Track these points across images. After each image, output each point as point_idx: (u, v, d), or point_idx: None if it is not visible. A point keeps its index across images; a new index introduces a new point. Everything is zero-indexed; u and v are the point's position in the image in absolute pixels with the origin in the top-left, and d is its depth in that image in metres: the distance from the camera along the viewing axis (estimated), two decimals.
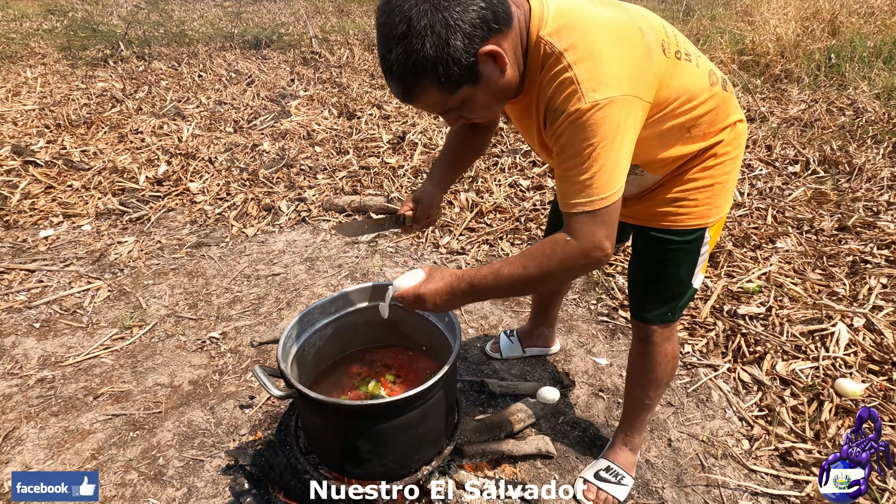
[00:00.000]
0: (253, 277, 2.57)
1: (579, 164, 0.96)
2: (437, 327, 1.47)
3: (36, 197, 3.15)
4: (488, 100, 1.00)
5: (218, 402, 1.87)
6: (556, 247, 1.01)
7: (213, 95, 4.91)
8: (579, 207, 0.98)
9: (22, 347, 2.11)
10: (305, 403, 1.17)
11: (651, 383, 1.45)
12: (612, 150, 0.95)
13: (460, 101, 0.97)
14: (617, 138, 0.94)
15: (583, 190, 0.97)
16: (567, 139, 0.96)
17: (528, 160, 3.57)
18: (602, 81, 0.93)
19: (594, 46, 0.95)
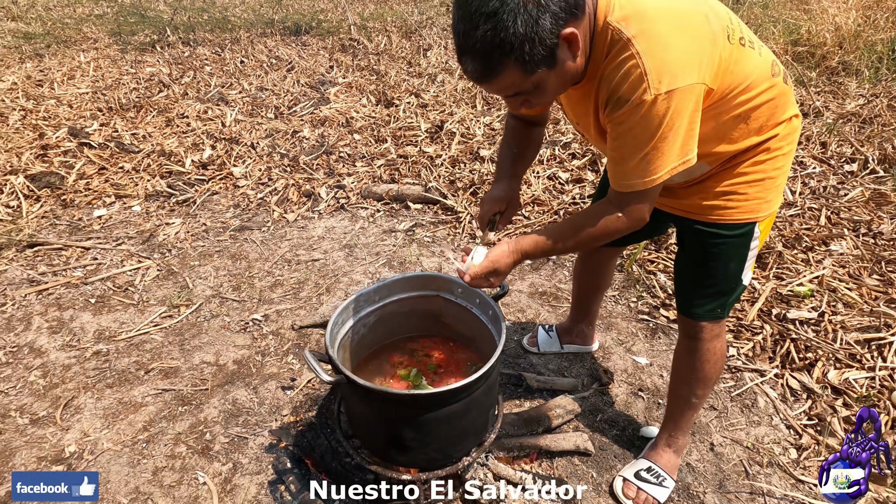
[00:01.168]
0: (293, 262, 2.62)
1: (639, 149, 1.01)
2: (480, 319, 1.46)
3: (90, 177, 3.29)
4: (558, 85, 1.02)
5: (261, 382, 1.93)
6: (607, 222, 1.13)
7: (254, 81, 4.99)
8: (633, 187, 1.07)
9: (79, 321, 2.22)
10: (352, 389, 1.19)
11: (698, 381, 1.42)
12: (670, 136, 0.99)
13: (534, 83, 0.98)
14: (677, 124, 0.98)
15: (639, 172, 1.04)
16: (629, 126, 1.00)
17: (567, 153, 3.50)
18: (669, 71, 0.95)
19: (662, 34, 0.96)
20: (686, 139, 1.01)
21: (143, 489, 1.55)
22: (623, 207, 1.11)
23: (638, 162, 1.03)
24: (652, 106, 0.96)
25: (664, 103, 0.95)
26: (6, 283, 2.42)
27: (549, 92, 1.03)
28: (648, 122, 0.97)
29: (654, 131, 0.98)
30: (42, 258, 2.60)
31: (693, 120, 1.01)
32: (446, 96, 4.53)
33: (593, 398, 1.84)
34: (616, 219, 1.12)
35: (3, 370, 1.97)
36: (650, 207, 1.11)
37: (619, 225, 1.13)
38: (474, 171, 3.28)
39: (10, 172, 3.18)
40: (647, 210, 1.12)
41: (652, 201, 1.11)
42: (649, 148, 1.00)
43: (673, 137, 0.99)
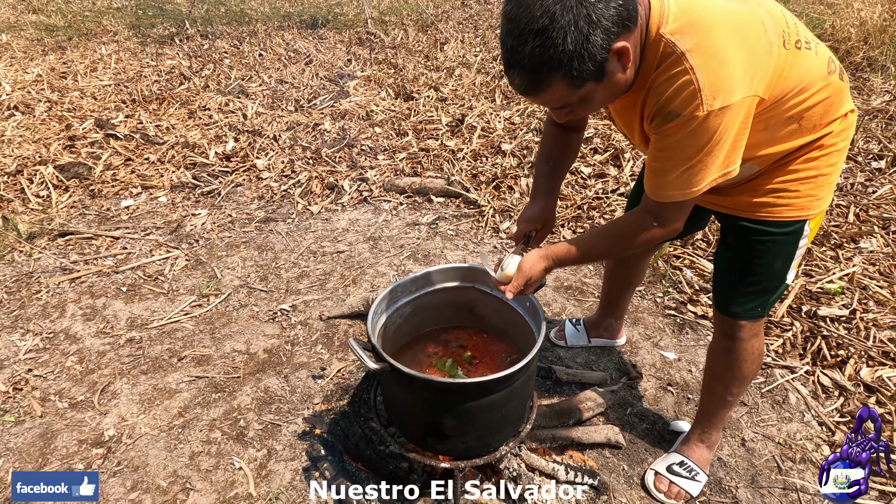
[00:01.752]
0: (318, 254, 2.64)
1: (683, 163, 1.00)
2: (517, 311, 1.47)
3: (117, 168, 3.33)
4: (606, 97, 1.01)
5: (291, 371, 1.95)
6: (642, 231, 1.14)
7: (273, 74, 5.02)
8: (672, 198, 1.06)
9: (112, 309, 2.26)
10: (395, 377, 1.21)
11: (735, 380, 1.41)
12: (717, 151, 0.98)
13: (582, 97, 0.97)
14: (723, 140, 0.97)
15: (679, 184, 1.03)
16: (676, 140, 0.99)
17: (589, 147, 3.49)
18: (723, 88, 0.93)
19: (718, 49, 0.93)
20: (730, 152, 1.00)
21: (181, 473, 1.59)
22: (659, 217, 1.11)
23: (680, 174, 1.02)
24: (704, 122, 0.94)
25: (716, 119, 0.94)
26: (40, 270, 2.47)
27: (595, 103, 1.02)
28: (698, 137, 0.96)
29: (702, 146, 0.97)
30: (73, 247, 2.65)
31: (741, 132, 0.99)
32: (465, 90, 4.52)
33: (622, 392, 1.85)
34: (651, 228, 1.13)
35: (41, 355, 2.01)
36: (685, 217, 1.12)
37: (654, 235, 1.14)
38: (496, 164, 3.28)
39: (40, 163, 3.24)
40: (683, 220, 1.12)
41: (687, 212, 1.11)
42: (694, 161, 0.99)
43: (718, 151, 0.98)
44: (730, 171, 1.02)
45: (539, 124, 3.76)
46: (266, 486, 1.55)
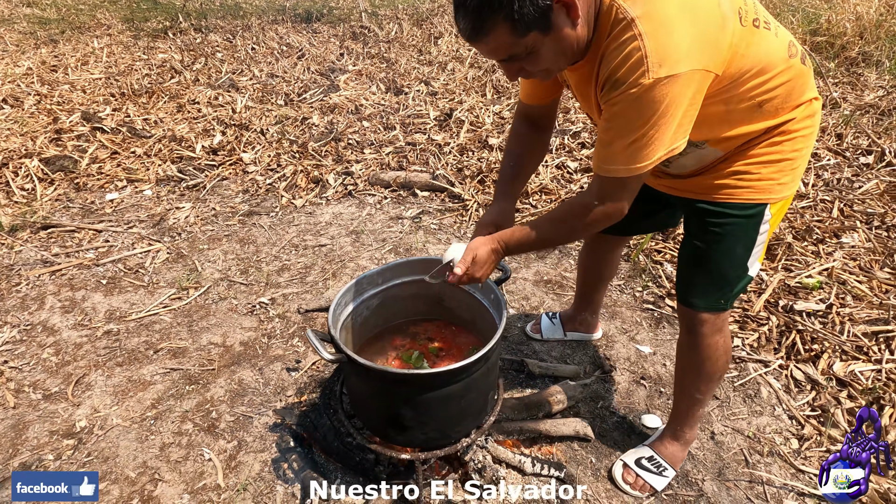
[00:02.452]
0: (301, 247, 2.64)
1: (628, 134, 0.98)
2: (482, 303, 1.47)
3: (103, 162, 3.33)
4: (554, 53, 0.99)
5: (266, 363, 1.96)
6: (583, 211, 1.11)
7: (265, 68, 5.00)
8: (613, 172, 1.03)
9: (91, 301, 2.26)
10: (353, 369, 1.21)
11: (701, 378, 1.40)
12: (663, 124, 0.95)
13: (527, 47, 0.96)
14: (670, 112, 0.94)
15: (624, 158, 1.01)
16: (620, 109, 0.97)
17: (577, 142, 3.48)
18: (670, 56, 0.91)
19: (668, 17, 0.92)
20: (678, 128, 0.97)
21: (151, 464, 1.59)
22: (602, 195, 1.07)
23: (625, 147, 0.99)
24: (649, 91, 0.92)
25: (663, 89, 0.91)
26: (21, 263, 2.47)
27: (543, 59, 1.00)
28: (643, 107, 0.94)
29: (647, 117, 0.94)
30: (55, 240, 2.65)
31: (691, 108, 0.97)
32: (456, 84, 4.51)
33: (595, 385, 1.85)
34: (591, 207, 1.09)
35: (17, 347, 2.02)
36: (630, 198, 1.08)
37: (596, 215, 1.09)
38: (482, 159, 3.27)
39: (25, 156, 3.24)
40: (627, 201, 1.08)
41: (632, 193, 1.07)
42: (639, 134, 0.96)
43: (666, 126, 0.95)
44: (675, 148, 1.00)
45: None
46: (235, 478, 1.56)
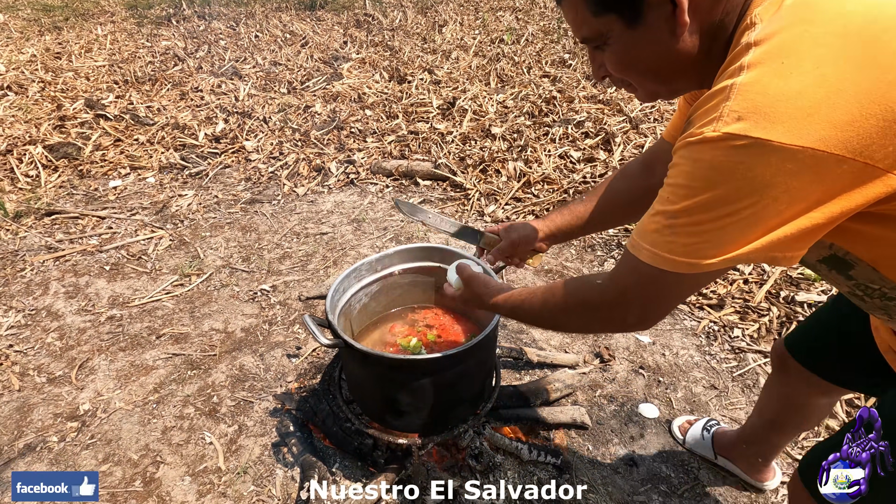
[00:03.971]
0: (302, 235, 2.65)
1: (667, 201, 0.67)
2: None
3: (106, 149, 3.34)
4: (632, 57, 0.73)
5: (267, 349, 1.97)
6: (581, 289, 0.83)
7: (268, 56, 4.99)
8: (638, 252, 0.71)
9: (94, 287, 2.28)
10: (350, 354, 1.22)
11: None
12: (726, 211, 0.61)
13: (600, 32, 0.72)
14: (742, 198, 0.59)
15: (653, 236, 0.69)
16: (674, 161, 0.67)
17: (581, 131, 3.45)
18: (762, 108, 0.56)
19: (800, 48, 0.57)
20: (763, 228, 0.61)
21: (153, 447, 1.62)
22: (618, 281, 0.77)
23: (662, 222, 0.67)
24: (709, 148, 0.60)
25: (731, 155, 0.58)
26: (25, 249, 2.49)
27: (619, 59, 0.74)
28: (695, 169, 0.62)
29: (696, 189, 0.62)
30: (59, 226, 2.67)
31: (802, 211, 0.59)
32: (460, 73, 4.47)
33: (594, 374, 1.85)
34: (593, 288, 0.81)
35: (22, 331, 2.04)
36: (657, 308, 0.76)
37: (593, 297, 0.81)
38: (485, 148, 3.26)
39: (30, 143, 3.25)
40: (641, 304, 0.75)
41: (664, 299, 0.74)
42: (680, 208, 0.64)
43: (731, 215, 0.61)
44: (756, 258, 0.63)
45: (532, 108, 3.72)
46: (235, 461, 1.58)
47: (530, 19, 6.21)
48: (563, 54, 4.91)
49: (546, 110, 3.73)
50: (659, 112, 3.67)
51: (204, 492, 1.49)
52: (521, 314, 0.97)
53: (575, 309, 0.85)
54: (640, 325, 0.78)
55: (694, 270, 0.66)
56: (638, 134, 3.39)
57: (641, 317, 0.77)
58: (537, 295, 0.92)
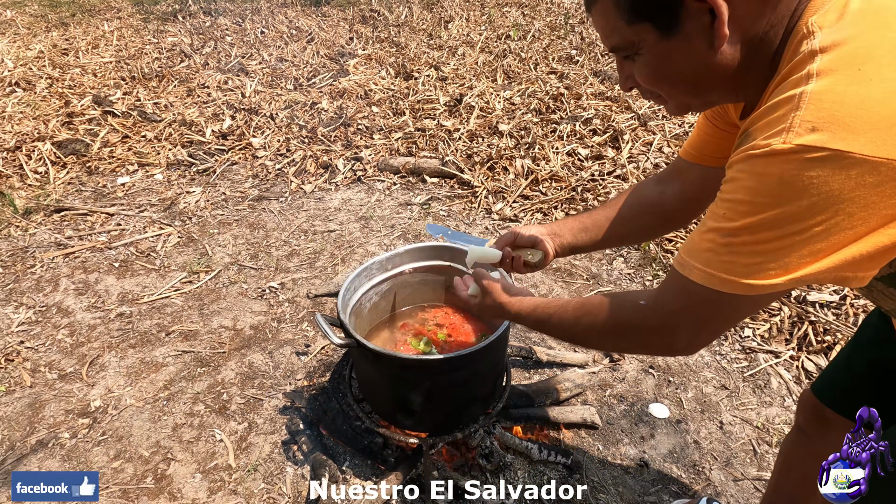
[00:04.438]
0: (310, 232, 2.65)
1: (723, 217, 0.62)
2: None
3: (114, 145, 3.35)
4: (666, 68, 0.69)
5: (276, 347, 1.98)
6: (622, 307, 0.77)
7: (274, 52, 4.98)
8: (687, 271, 0.67)
9: (103, 284, 2.29)
10: (362, 354, 1.21)
11: None
12: (792, 229, 0.57)
13: (631, 42, 0.68)
14: (813, 214, 0.55)
15: (705, 255, 0.65)
16: (731, 175, 0.62)
17: (588, 128, 3.43)
18: (841, 118, 0.53)
19: (876, 54, 0.54)
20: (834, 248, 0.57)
21: (164, 443, 1.62)
22: (661, 301, 0.72)
23: (717, 240, 0.63)
24: (777, 161, 0.55)
25: (804, 167, 0.54)
26: (35, 245, 2.51)
27: (651, 70, 0.69)
28: (760, 183, 0.58)
29: (758, 206, 0.58)
30: (68, 222, 2.68)
31: (875, 228, 0.55)
32: (466, 69, 4.45)
33: (603, 373, 1.84)
34: (635, 310, 0.75)
35: (33, 328, 2.06)
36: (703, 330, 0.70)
37: (635, 320, 0.74)
38: (492, 145, 3.24)
39: (38, 139, 3.26)
40: (691, 328, 0.70)
41: (707, 322, 0.69)
42: (740, 226, 0.60)
43: (799, 233, 0.57)
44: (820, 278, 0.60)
45: (540, 105, 3.70)
46: (245, 458, 1.58)
47: (536, 15, 6.17)
48: (570, 50, 4.88)
49: (553, 107, 3.71)
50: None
51: (215, 489, 1.50)
52: (550, 328, 0.91)
53: (614, 330, 0.79)
54: (688, 350, 0.73)
55: (754, 292, 0.62)
56: (646, 131, 3.37)
57: (691, 342, 0.72)
58: (568, 310, 0.86)
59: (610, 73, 4.31)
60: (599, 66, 4.47)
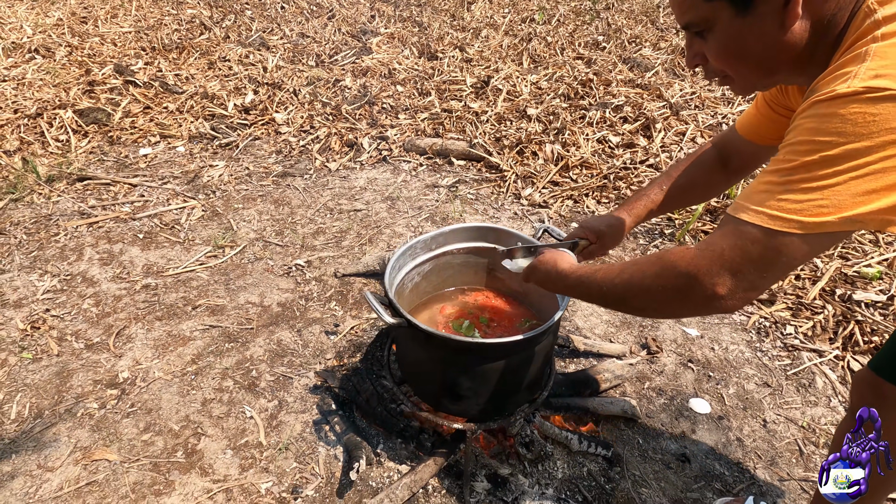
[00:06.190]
0: (335, 211, 2.60)
1: (784, 160, 0.64)
2: None
3: (136, 116, 3.29)
4: (738, 46, 0.71)
5: (304, 325, 1.94)
6: (669, 254, 0.74)
7: (295, 27, 4.88)
8: (741, 212, 0.67)
9: (128, 255, 2.25)
10: (411, 334, 1.17)
11: None
12: (856, 165, 0.58)
13: (706, 18, 0.70)
14: (877, 158, 0.58)
15: (761, 195, 0.65)
16: (794, 125, 0.65)
17: (619, 116, 3.34)
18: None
19: None
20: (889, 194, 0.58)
21: (193, 418, 1.59)
22: (709, 238, 0.71)
23: (776, 180, 0.64)
24: (842, 102, 0.58)
25: (868, 105, 0.57)
26: (58, 213, 2.47)
27: (723, 47, 0.72)
28: (823, 122, 0.60)
29: (819, 144, 0.60)
30: (91, 192, 2.64)
31: None
32: (491, 52, 4.35)
33: (641, 365, 1.80)
34: (683, 252, 0.72)
35: (58, 296, 2.02)
36: (749, 273, 0.67)
37: (681, 261, 0.71)
38: (521, 129, 3.16)
39: (59, 107, 3.20)
40: (736, 270, 0.67)
41: (755, 264, 0.66)
42: (797, 166, 0.62)
43: (863, 169, 0.58)
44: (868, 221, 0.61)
45: (568, 90, 3.61)
46: (276, 437, 1.55)
47: None
48: (596, 36, 4.76)
49: (582, 93, 3.61)
50: (700, 99, 3.55)
51: (246, 466, 1.47)
52: (589, 284, 0.88)
53: (656, 276, 0.74)
54: (731, 299, 0.69)
55: (805, 230, 0.62)
56: (679, 121, 3.28)
57: (735, 288, 0.68)
58: (615, 265, 0.84)
59: (639, 61, 4.20)
60: (627, 54, 4.36)
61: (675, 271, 0.72)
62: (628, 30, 4.94)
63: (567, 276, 0.95)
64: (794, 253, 0.64)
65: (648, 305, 0.80)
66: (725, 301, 0.69)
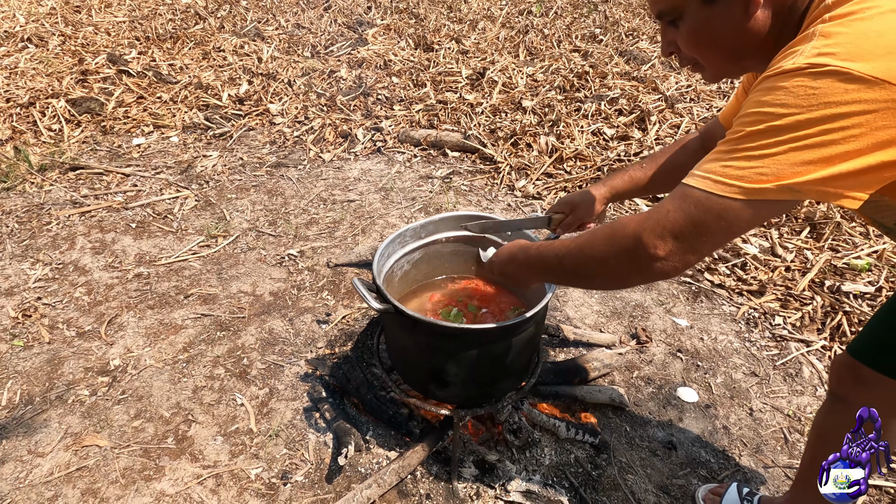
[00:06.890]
0: (329, 201, 2.60)
1: (740, 129, 0.67)
2: None
3: (129, 106, 3.28)
4: (706, 33, 0.75)
5: (296, 314, 1.94)
6: (616, 231, 0.75)
7: (291, 18, 4.85)
8: (693, 179, 0.69)
9: (120, 244, 2.25)
10: (398, 321, 1.17)
11: None
12: (796, 136, 0.61)
13: (675, 7, 0.75)
14: (819, 123, 0.60)
15: (708, 164, 0.69)
16: (747, 101, 0.68)
17: (614, 108, 3.34)
18: (846, 47, 0.60)
19: (882, 3, 0.62)
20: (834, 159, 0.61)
21: (184, 405, 1.60)
22: (658, 205, 0.73)
23: (719, 149, 0.69)
24: (789, 76, 0.62)
25: (813, 80, 0.60)
26: (51, 202, 2.46)
27: (692, 35, 0.76)
28: (768, 94, 0.64)
29: (763, 115, 0.63)
30: (84, 181, 2.63)
31: (868, 149, 0.60)
32: (487, 44, 4.33)
33: (630, 355, 1.81)
34: (631, 217, 0.74)
35: (50, 285, 2.02)
36: (689, 236, 0.69)
37: (629, 225, 0.73)
38: (515, 121, 3.16)
39: (52, 96, 3.19)
40: (677, 231, 0.69)
41: (695, 227, 0.68)
42: (742, 136, 0.65)
43: (803, 139, 0.61)
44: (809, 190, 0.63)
45: (563, 82, 3.60)
46: (267, 423, 1.56)
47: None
48: (593, 29, 4.74)
49: (578, 85, 3.61)
50: (695, 92, 3.55)
51: (236, 452, 1.48)
52: (547, 255, 0.89)
53: (606, 238, 0.77)
54: (670, 260, 0.70)
55: (746, 196, 0.65)
56: (674, 114, 3.28)
57: (675, 249, 0.70)
58: (573, 237, 0.85)
59: (636, 54, 4.19)
60: (624, 46, 4.35)
61: (622, 232, 0.75)
62: (626, 22, 4.92)
63: (528, 248, 0.98)
64: (734, 217, 0.67)
65: (596, 270, 0.81)
66: (664, 262, 0.71)
